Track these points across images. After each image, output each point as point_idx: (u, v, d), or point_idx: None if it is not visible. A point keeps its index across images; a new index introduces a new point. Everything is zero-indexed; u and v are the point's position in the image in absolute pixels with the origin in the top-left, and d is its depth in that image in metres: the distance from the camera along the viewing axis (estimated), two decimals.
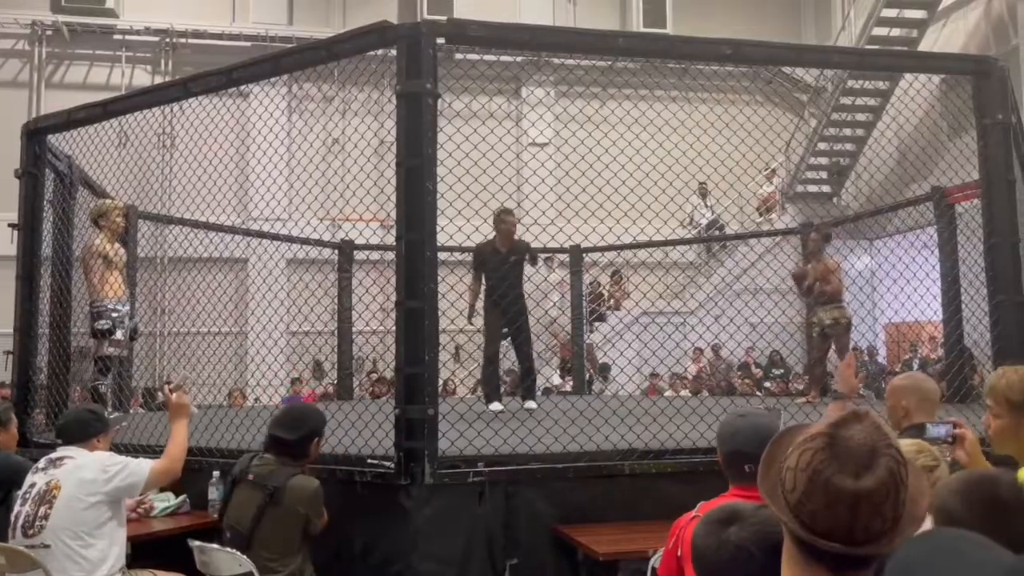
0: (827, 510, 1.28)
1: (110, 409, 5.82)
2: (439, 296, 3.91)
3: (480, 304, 6.75)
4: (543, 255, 8.60)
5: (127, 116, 5.25)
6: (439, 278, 3.93)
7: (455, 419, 4.13)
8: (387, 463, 3.82)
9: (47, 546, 3.32)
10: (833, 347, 7.97)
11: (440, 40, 3.94)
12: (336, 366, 9.47)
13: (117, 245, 5.95)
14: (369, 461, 3.90)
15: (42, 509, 3.37)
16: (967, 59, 5.06)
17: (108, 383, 5.96)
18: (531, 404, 6.74)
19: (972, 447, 2.68)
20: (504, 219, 6.64)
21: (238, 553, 3.38)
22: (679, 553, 2.47)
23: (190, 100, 4.85)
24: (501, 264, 6.59)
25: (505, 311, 6.58)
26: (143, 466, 3.56)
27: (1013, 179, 4.51)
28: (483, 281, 6.71)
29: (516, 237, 6.78)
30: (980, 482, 1.73)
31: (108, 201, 6.03)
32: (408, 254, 3.85)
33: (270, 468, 3.50)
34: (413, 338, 3.81)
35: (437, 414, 3.83)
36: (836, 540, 1.28)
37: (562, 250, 9.83)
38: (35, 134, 5.37)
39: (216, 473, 4.26)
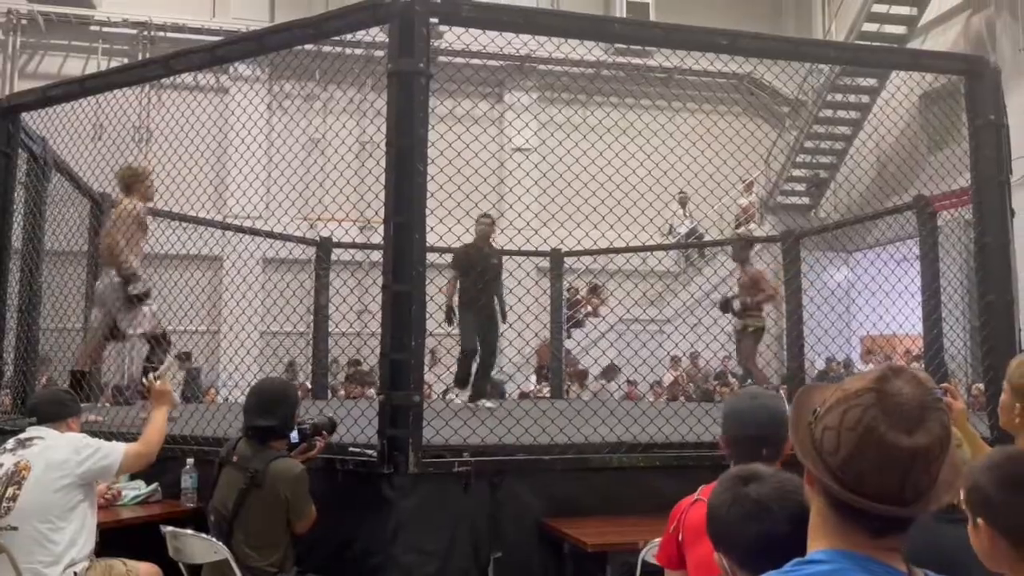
0: (879, 470, 1.21)
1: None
2: None
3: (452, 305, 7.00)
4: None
5: (103, 107, 5.12)
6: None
7: (440, 407, 4.03)
8: (369, 451, 3.71)
9: (14, 528, 3.16)
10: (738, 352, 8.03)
11: (433, 20, 3.86)
12: (311, 364, 9.30)
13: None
14: (351, 449, 3.79)
15: (10, 490, 3.21)
16: (960, 58, 5.06)
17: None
18: (487, 403, 6.82)
19: (958, 415, 2.70)
20: (483, 221, 7.09)
21: (214, 540, 3.25)
22: (680, 538, 2.39)
23: (168, 93, 4.74)
24: (484, 263, 6.93)
25: (480, 310, 6.89)
26: (117, 448, 3.42)
27: (1004, 180, 4.50)
28: (459, 283, 7.01)
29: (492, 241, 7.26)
30: (1009, 460, 1.70)
31: (142, 164, 5.77)
32: (396, 236, 3.74)
33: (253, 451, 3.39)
34: (399, 323, 3.70)
35: (423, 401, 3.73)
36: (884, 501, 1.21)
37: (542, 253, 9.76)
38: (9, 112, 5.19)
39: (190, 461, 4.11)
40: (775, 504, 1.55)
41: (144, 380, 4.14)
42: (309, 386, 9.73)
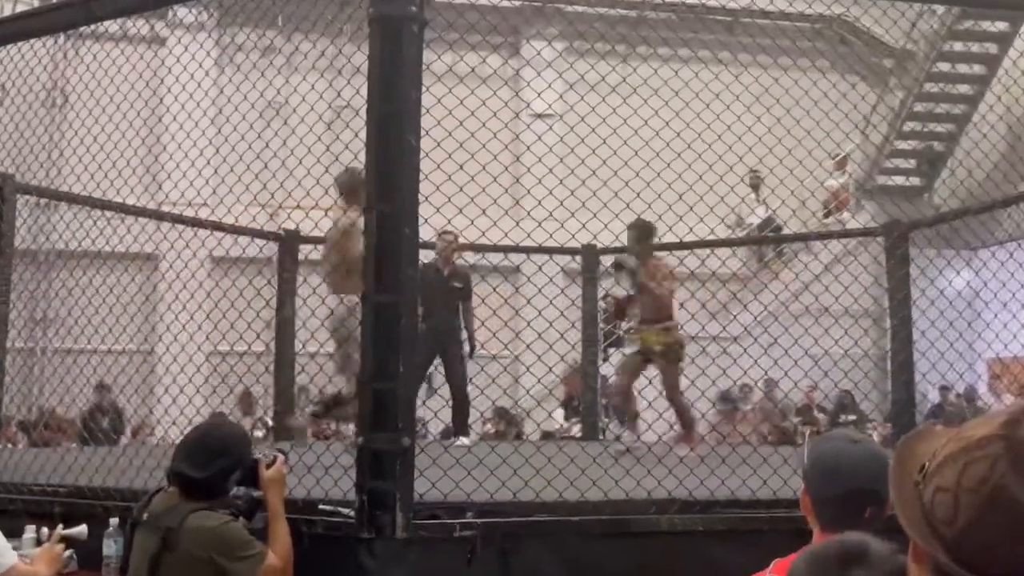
0: (1010, 543, 1.18)
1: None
2: None
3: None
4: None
5: (6, 63, 5.18)
6: None
7: (437, 452, 4.05)
8: (345, 510, 3.72)
9: None
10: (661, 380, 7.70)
11: None
12: (273, 394, 9.33)
13: None
14: (321, 507, 3.81)
15: None
16: None
17: None
18: (463, 440, 7.34)
19: None
20: (443, 238, 7.82)
21: None
22: None
23: (89, 45, 4.79)
24: (440, 287, 7.74)
25: (435, 336, 7.62)
26: (5, 558, 3.56)
27: None
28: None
29: (457, 261, 8.10)
30: None
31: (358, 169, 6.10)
32: (380, 231, 3.77)
33: (169, 505, 3.41)
34: (383, 343, 3.72)
35: (414, 445, 3.74)
36: None
37: (570, 251, 9.75)
38: None
39: (114, 521, 4.13)
40: None
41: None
42: (269, 422, 9.79)
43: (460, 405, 7.77)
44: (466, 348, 8.26)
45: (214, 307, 8.57)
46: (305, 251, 9.39)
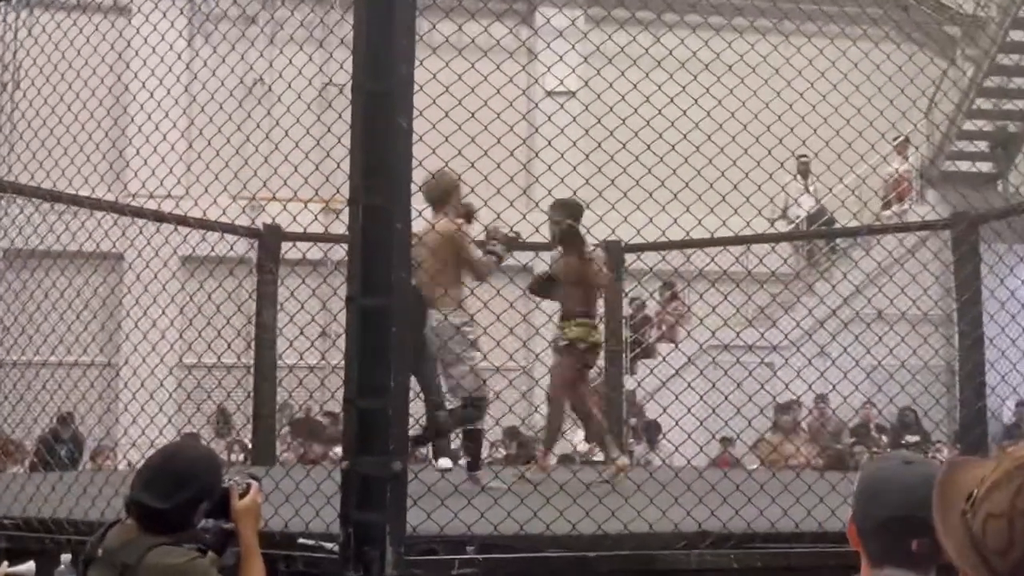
0: None
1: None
2: None
3: None
4: None
5: None
6: None
7: (433, 479, 4.07)
8: (328, 544, 3.74)
9: None
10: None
11: None
12: (252, 411, 9.35)
13: None
14: (301, 541, 3.82)
15: None
16: None
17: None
18: (443, 463, 7.32)
19: None
20: None
21: None
22: None
23: (42, 16, 4.81)
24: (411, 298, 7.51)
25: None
26: None
27: None
28: None
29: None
30: None
31: (448, 173, 6.27)
32: (367, 226, 3.78)
33: (126, 538, 3.42)
34: (372, 353, 3.73)
35: (406, 471, 3.75)
36: None
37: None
38: None
39: (65, 557, 4.16)
40: None
41: None
42: (248, 443, 9.82)
43: (434, 416, 7.57)
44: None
45: (178, 314, 8.63)
46: (286, 248, 9.43)
